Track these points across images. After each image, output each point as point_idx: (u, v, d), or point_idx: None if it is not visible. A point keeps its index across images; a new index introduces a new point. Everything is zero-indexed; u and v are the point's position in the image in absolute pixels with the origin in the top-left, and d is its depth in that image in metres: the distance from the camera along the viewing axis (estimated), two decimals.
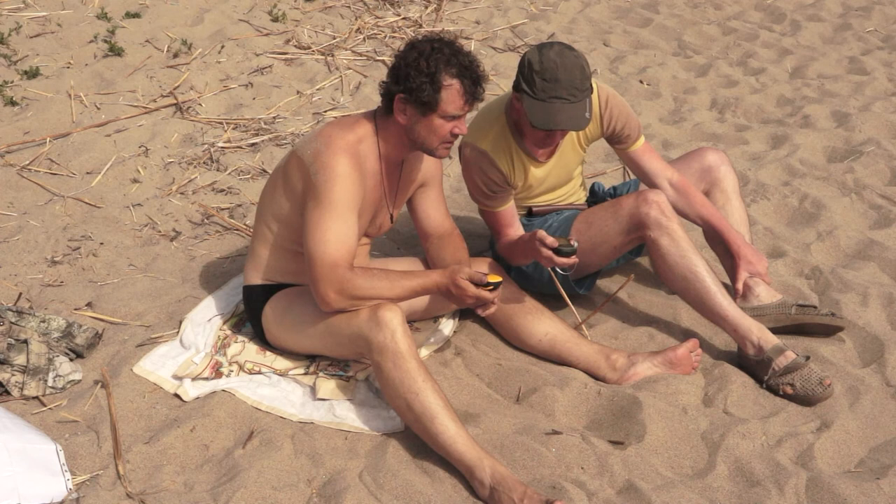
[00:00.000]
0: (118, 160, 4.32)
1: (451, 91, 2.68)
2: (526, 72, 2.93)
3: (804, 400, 2.93)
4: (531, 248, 2.94)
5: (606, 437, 2.78)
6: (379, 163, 2.85)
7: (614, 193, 3.53)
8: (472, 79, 2.70)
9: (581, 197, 3.46)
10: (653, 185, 3.31)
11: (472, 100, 2.71)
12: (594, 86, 3.16)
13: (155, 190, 4.16)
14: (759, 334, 3.00)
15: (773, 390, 2.98)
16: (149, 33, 5.51)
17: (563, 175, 3.29)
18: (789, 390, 2.95)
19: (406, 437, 2.72)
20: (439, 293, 2.82)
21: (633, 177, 3.84)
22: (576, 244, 2.88)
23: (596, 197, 3.55)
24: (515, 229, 3.22)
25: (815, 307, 3.23)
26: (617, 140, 3.27)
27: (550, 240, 2.87)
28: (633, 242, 3.16)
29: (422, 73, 2.66)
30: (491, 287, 2.74)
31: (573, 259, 2.88)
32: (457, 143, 3.03)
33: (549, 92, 2.89)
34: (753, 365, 3.02)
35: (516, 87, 2.98)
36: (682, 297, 3.17)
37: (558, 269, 3.07)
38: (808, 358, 2.97)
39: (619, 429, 2.81)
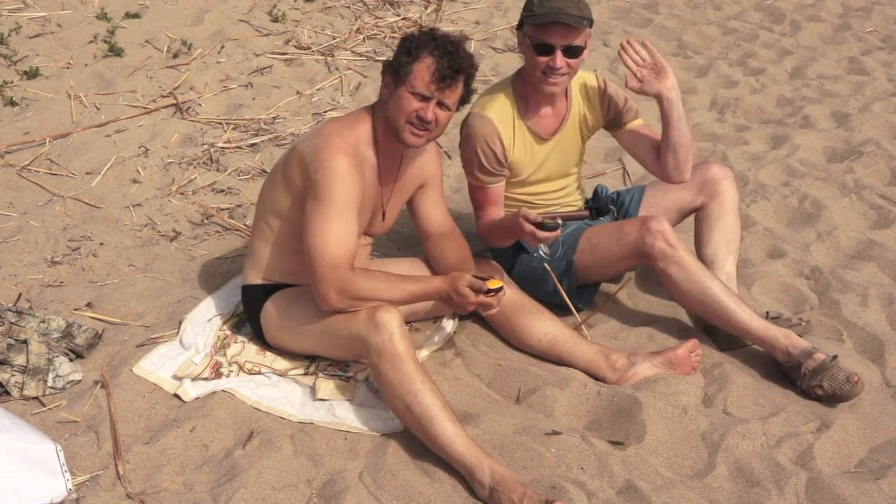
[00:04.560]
0: (118, 160, 4.32)
1: (422, 65, 2.69)
2: (525, 7, 3.04)
3: (834, 399, 2.90)
4: (514, 226, 2.94)
5: (606, 438, 2.78)
6: (376, 158, 2.86)
7: (617, 199, 3.52)
8: (448, 61, 2.68)
9: (578, 199, 3.46)
10: (655, 162, 3.24)
11: (440, 80, 2.68)
12: (595, 74, 3.25)
13: (155, 190, 4.15)
14: (786, 341, 3.00)
15: (808, 394, 2.96)
16: (149, 33, 5.50)
17: (561, 163, 3.30)
18: (819, 392, 2.92)
19: (406, 437, 2.71)
20: (440, 299, 2.81)
21: (633, 181, 3.84)
22: (560, 221, 2.90)
23: (599, 200, 3.52)
24: (499, 209, 3.24)
25: (788, 319, 3.23)
26: (621, 119, 3.26)
27: (533, 215, 2.88)
28: (638, 263, 3.21)
29: (404, 48, 2.73)
30: (492, 293, 2.75)
31: (556, 233, 2.89)
32: (458, 118, 3.05)
33: (546, 6, 2.95)
34: (787, 371, 3.01)
35: (518, 27, 3.07)
36: (703, 319, 3.19)
37: (542, 251, 3.12)
38: (835, 357, 2.94)
39: (619, 429, 2.81)
